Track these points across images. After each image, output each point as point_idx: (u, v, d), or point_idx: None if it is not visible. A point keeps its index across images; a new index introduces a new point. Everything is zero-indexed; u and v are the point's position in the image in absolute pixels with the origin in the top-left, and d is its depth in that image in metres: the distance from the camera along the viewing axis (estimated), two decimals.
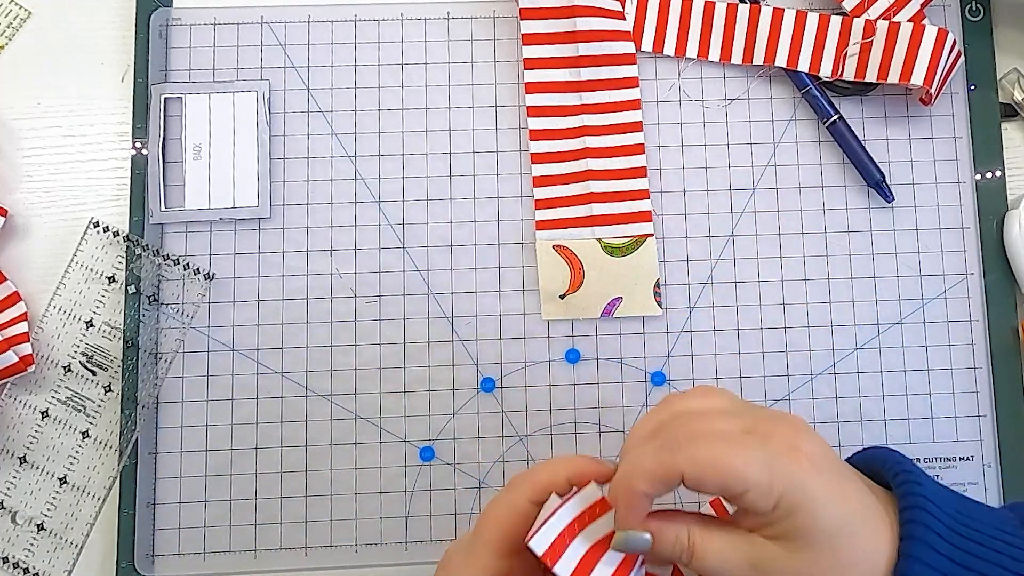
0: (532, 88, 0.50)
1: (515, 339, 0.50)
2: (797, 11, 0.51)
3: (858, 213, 0.51)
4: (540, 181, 0.50)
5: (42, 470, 0.48)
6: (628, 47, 0.50)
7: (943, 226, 0.51)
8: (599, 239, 0.49)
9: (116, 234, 0.49)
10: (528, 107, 0.50)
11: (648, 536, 0.32)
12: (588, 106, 0.50)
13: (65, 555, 0.47)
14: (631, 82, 0.50)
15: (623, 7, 0.51)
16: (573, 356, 0.49)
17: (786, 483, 0.31)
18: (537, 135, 0.50)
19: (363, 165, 0.51)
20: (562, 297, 0.49)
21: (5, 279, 0.49)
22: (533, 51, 0.51)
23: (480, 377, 0.49)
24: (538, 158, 0.50)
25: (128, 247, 0.49)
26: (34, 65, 0.52)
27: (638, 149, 0.50)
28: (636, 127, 0.50)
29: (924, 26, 0.48)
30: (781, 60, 0.51)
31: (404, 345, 0.49)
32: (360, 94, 0.51)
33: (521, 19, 0.51)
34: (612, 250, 0.49)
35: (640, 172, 0.50)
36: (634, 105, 0.50)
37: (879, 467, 0.35)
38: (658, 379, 0.49)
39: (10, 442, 0.48)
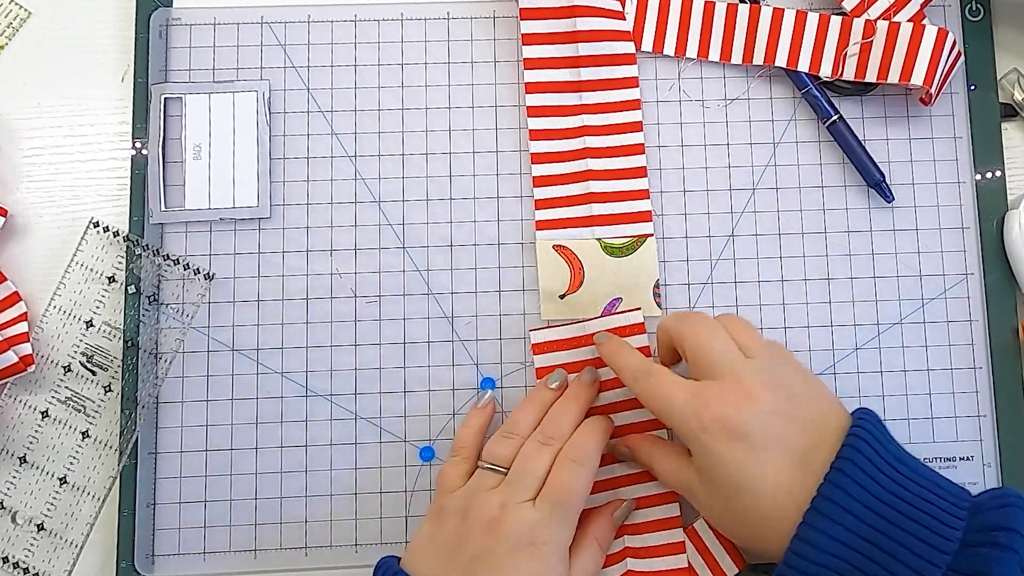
0: (532, 88, 0.50)
1: (515, 339, 0.50)
2: (797, 11, 0.51)
3: (858, 213, 0.51)
4: (540, 181, 0.50)
5: (42, 470, 0.48)
6: (628, 47, 0.51)
7: (943, 226, 0.51)
8: (599, 239, 0.49)
9: (116, 234, 0.49)
10: (528, 107, 0.50)
11: (627, 449, 0.47)
12: (588, 106, 0.50)
13: (65, 555, 0.47)
14: (631, 82, 0.50)
15: (623, 7, 0.51)
16: None
17: (686, 432, 0.41)
18: (537, 135, 0.50)
19: (363, 165, 0.51)
20: (562, 297, 0.49)
21: (5, 279, 0.49)
22: (533, 51, 0.51)
23: (480, 377, 0.49)
24: (538, 158, 0.50)
25: (128, 247, 0.49)
26: (34, 65, 0.52)
27: (638, 149, 0.50)
28: (636, 127, 0.50)
29: (924, 26, 0.48)
30: (781, 60, 0.51)
31: (404, 345, 0.49)
32: (360, 94, 0.51)
33: (521, 19, 0.51)
34: (612, 250, 0.49)
35: (640, 172, 0.50)
36: (634, 105, 0.50)
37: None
38: None
39: (10, 442, 0.48)
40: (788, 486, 0.39)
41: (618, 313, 0.49)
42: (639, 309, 0.49)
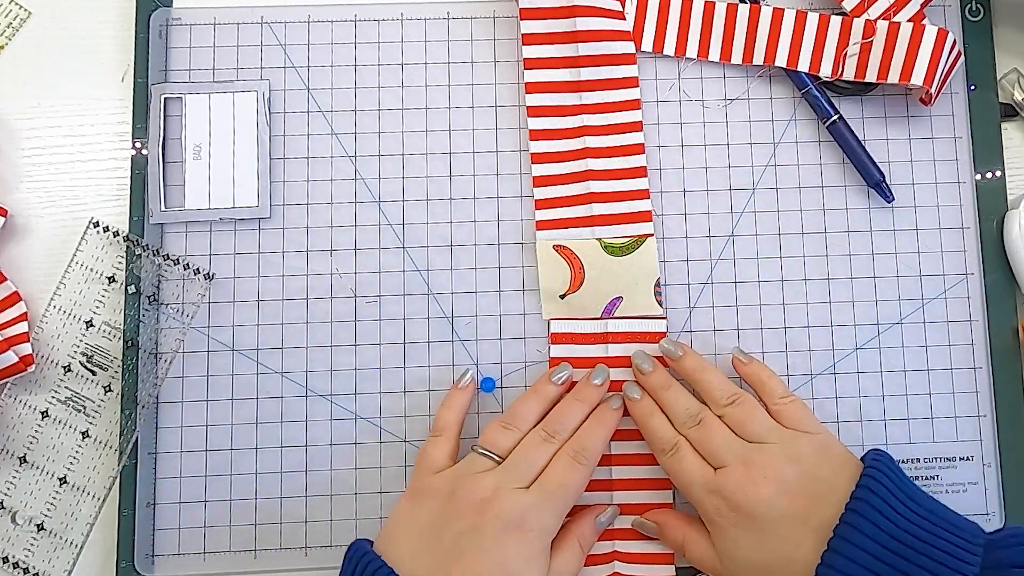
0: (532, 88, 0.50)
1: (515, 339, 0.50)
2: (797, 11, 0.51)
3: (858, 213, 0.51)
4: (540, 181, 0.50)
5: (42, 470, 0.48)
6: (628, 47, 0.50)
7: (943, 226, 0.51)
8: (599, 239, 0.49)
9: (116, 234, 0.49)
10: (528, 107, 0.50)
11: (654, 525, 0.47)
12: (588, 106, 0.50)
13: (65, 555, 0.47)
14: (631, 82, 0.50)
15: (623, 7, 0.51)
16: None
17: (705, 514, 0.44)
18: (537, 135, 0.50)
19: (363, 165, 0.51)
20: (562, 297, 0.49)
21: (5, 279, 0.49)
22: (533, 51, 0.51)
23: (480, 377, 0.49)
24: (538, 158, 0.50)
25: (128, 247, 0.49)
26: (34, 65, 0.52)
27: (638, 149, 0.50)
28: (636, 127, 0.50)
29: (924, 26, 0.48)
30: (781, 60, 0.51)
31: (404, 345, 0.49)
32: (360, 94, 0.51)
33: (521, 19, 0.51)
34: (612, 250, 0.49)
35: (640, 172, 0.50)
36: (634, 105, 0.50)
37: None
38: None
39: (10, 442, 0.48)
40: (792, 555, 0.41)
41: (642, 318, 0.49)
42: (664, 318, 0.49)
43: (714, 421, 0.45)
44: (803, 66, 0.51)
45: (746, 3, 0.51)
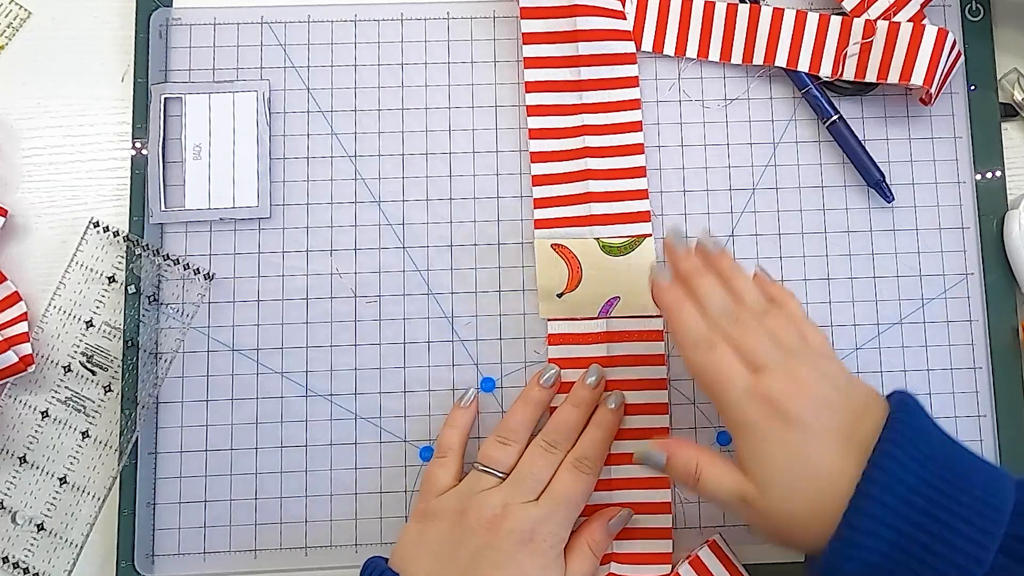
0: (532, 87, 0.50)
1: (515, 339, 0.50)
2: (797, 11, 0.51)
3: (858, 213, 0.51)
4: (539, 180, 0.50)
5: (42, 470, 0.48)
6: (628, 47, 0.50)
7: (943, 226, 0.51)
8: (598, 238, 0.49)
9: (116, 234, 0.49)
10: (528, 106, 0.50)
11: (664, 456, 0.41)
12: (588, 105, 0.50)
13: (65, 555, 0.47)
14: (631, 82, 0.50)
15: (623, 7, 0.51)
16: None
17: (732, 413, 0.39)
18: (536, 134, 0.50)
19: (363, 165, 0.51)
20: (560, 296, 0.49)
21: (5, 279, 0.49)
22: (533, 50, 0.51)
23: (480, 377, 0.49)
24: (537, 157, 0.50)
25: (128, 247, 0.49)
26: (34, 65, 0.52)
27: (637, 149, 0.50)
28: (636, 127, 0.50)
29: (924, 26, 0.48)
30: (781, 60, 0.51)
31: (404, 345, 0.49)
32: (360, 94, 0.51)
33: (521, 18, 0.51)
34: (610, 249, 0.49)
35: (639, 172, 0.50)
36: (634, 105, 0.50)
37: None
38: None
39: (10, 442, 0.48)
40: (835, 467, 0.38)
41: (639, 317, 0.49)
42: (661, 316, 0.49)
43: (753, 320, 0.41)
44: (803, 66, 0.51)
45: (746, 3, 0.51)
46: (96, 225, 0.49)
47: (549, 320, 0.49)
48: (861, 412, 0.39)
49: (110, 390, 0.48)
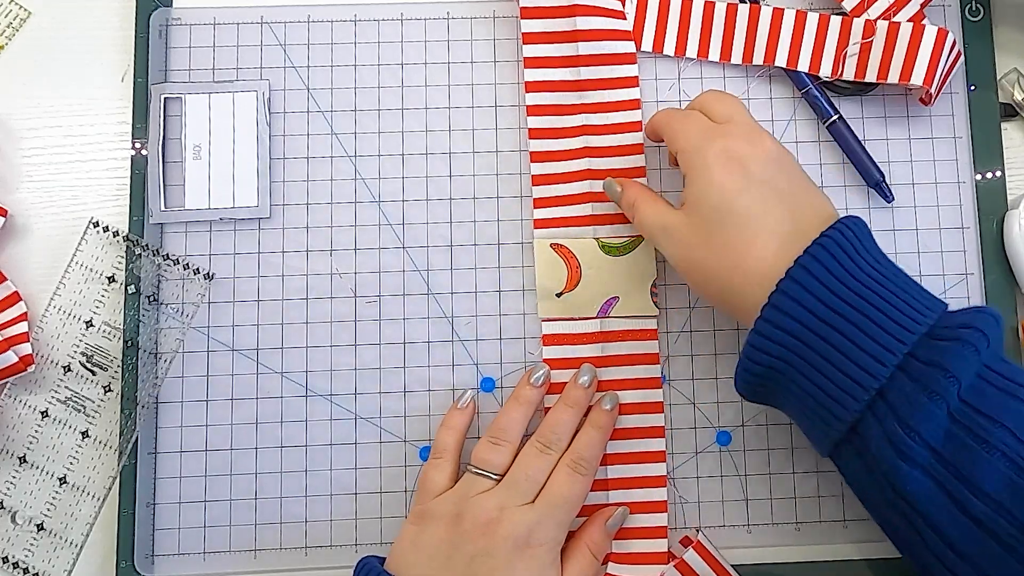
0: (532, 87, 0.50)
1: (515, 339, 0.50)
2: (797, 11, 0.51)
3: (858, 213, 0.51)
4: (539, 180, 0.50)
5: (42, 470, 0.48)
6: (628, 47, 0.50)
7: (943, 226, 0.51)
8: (597, 238, 0.49)
9: (116, 234, 0.49)
10: (528, 106, 0.50)
11: (619, 188, 0.47)
12: (588, 105, 0.50)
13: (65, 555, 0.47)
14: (631, 81, 0.50)
15: (623, 7, 0.51)
16: None
17: (692, 156, 0.42)
18: (536, 134, 0.50)
19: (363, 165, 0.51)
20: (559, 295, 0.49)
21: (5, 279, 0.49)
22: (533, 50, 0.51)
23: (480, 377, 0.49)
24: (537, 157, 0.50)
25: (128, 247, 0.49)
26: (34, 65, 0.52)
27: (638, 149, 0.50)
28: (636, 127, 0.50)
29: (924, 26, 0.48)
30: (781, 60, 0.51)
31: (404, 345, 0.49)
32: (360, 94, 0.51)
33: (521, 18, 0.51)
34: (610, 249, 0.49)
35: (639, 172, 0.50)
36: (634, 105, 0.50)
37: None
38: None
39: (10, 442, 0.48)
40: (775, 229, 0.40)
41: (635, 317, 0.49)
42: (655, 316, 0.49)
43: (728, 96, 0.45)
44: (803, 66, 0.51)
45: (746, 3, 0.51)
46: (96, 225, 0.49)
47: (544, 321, 0.49)
48: (806, 195, 0.42)
49: (110, 390, 0.48)
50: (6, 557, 0.47)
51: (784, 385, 0.40)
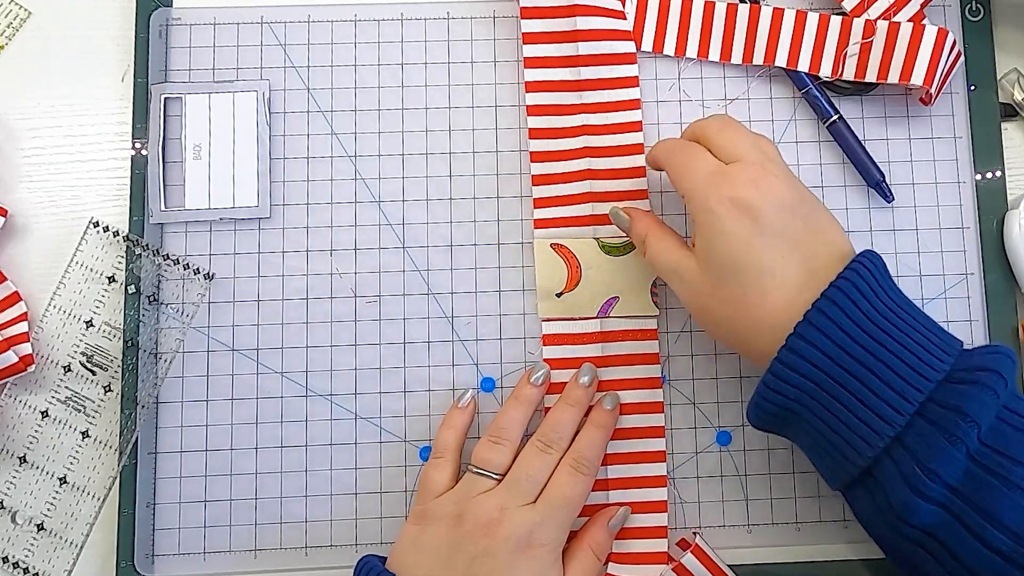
0: (532, 87, 0.50)
1: (515, 339, 0.50)
2: (797, 11, 0.51)
3: (858, 213, 0.51)
4: (539, 180, 0.50)
5: (42, 470, 0.48)
6: (629, 46, 0.50)
7: (943, 226, 0.51)
8: (597, 238, 0.49)
9: (116, 234, 0.49)
10: (528, 106, 0.50)
11: (627, 217, 0.46)
12: (588, 105, 0.50)
13: (65, 555, 0.47)
14: (631, 81, 0.50)
15: (623, 7, 0.51)
16: None
17: (700, 204, 0.41)
18: (536, 134, 0.50)
19: (363, 165, 0.51)
20: (559, 296, 0.49)
21: (5, 279, 0.49)
22: (533, 50, 0.50)
23: (480, 377, 0.49)
24: (537, 157, 0.50)
25: (128, 247, 0.49)
26: (34, 65, 0.52)
27: (638, 149, 0.50)
28: (636, 127, 0.50)
29: (924, 26, 0.48)
30: (781, 60, 0.51)
31: (404, 345, 0.49)
32: (360, 94, 0.51)
33: (521, 18, 0.51)
34: (610, 249, 0.49)
35: (640, 172, 0.50)
36: (634, 105, 0.50)
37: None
38: None
39: (10, 442, 0.48)
40: (787, 281, 0.40)
41: (634, 317, 0.49)
42: (655, 316, 0.49)
43: (731, 125, 0.44)
44: (803, 66, 0.51)
45: (746, 3, 0.51)
46: (96, 225, 0.49)
47: (544, 320, 0.49)
48: (819, 242, 0.41)
49: (110, 390, 0.48)
50: (6, 557, 0.47)
51: (798, 425, 0.40)
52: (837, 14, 0.51)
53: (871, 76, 0.49)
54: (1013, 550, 0.35)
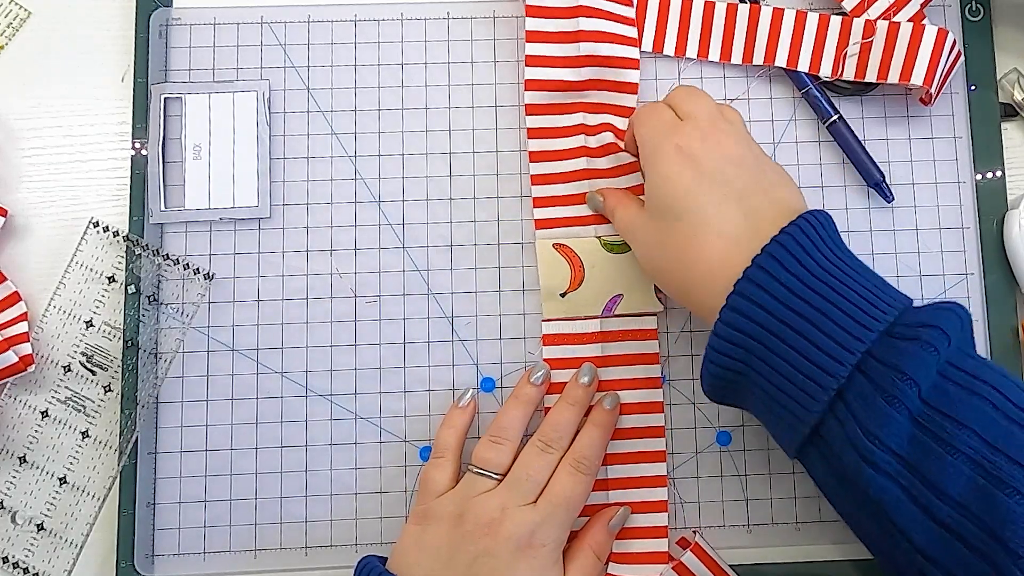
0: (531, 86, 0.50)
1: (515, 339, 0.50)
2: (797, 11, 0.51)
3: (858, 213, 0.51)
4: (538, 180, 0.50)
5: (42, 470, 0.48)
6: (632, 52, 0.50)
7: (943, 226, 0.51)
8: (599, 236, 0.49)
9: (116, 234, 0.49)
10: (526, 105, 0.50)
11: (601, 198, 0.48)
12: (587, 104, 0.50)
13: (65, 555, 0.47)
14: (631, 87, 0.50)
15: (628, 7, 0.51)
16: None
17: (649, 149, 0.43)
18: (535, 133, 0.50)
19: (363, 165, 0.51)
20: (563, 296, 0.49)
21: (5, 279, 0.49)
22: (536, 49, 0.50)
23: (480, 377, 0.49)
24: (536, 157, 0.50)
25: (128, 247, 0.49)
26: (34, 65, 0.52)
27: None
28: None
29: (924, 26, 0.48)
30: (781, 60, 0.51)
31: (404, 345, 0.49)
32: (360, 94, 0.51)
33: (527, 16, 0.50)
34: (612, 247, 0.49)
35: (635, 167, 0.49)
36: (630, 112, 0.50)
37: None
38: None
39: (10, 442, 0.48)
40: (725, 230, 0.40)
41: (634, 315, 0.49)
42: (655, 315, 0.49)
43: (697, 92, 0.45)
44: (803, 66, 0.51)
45: (746, 3, 0.51)
46: (96, 225, 0.49)
47: (544, 321, 0.49)
48: (768, 192, 0.41)
49: (110, 390, 0.48)
50: (6, 557, 0.47)
51: (747, 387, 0.40)
52: (837, 14, 0.51)
53: (871, 76, 0.49)
54: (958, 523, 0.34)
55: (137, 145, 0.50)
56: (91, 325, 0.49)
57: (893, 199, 0.50)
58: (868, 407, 0.36)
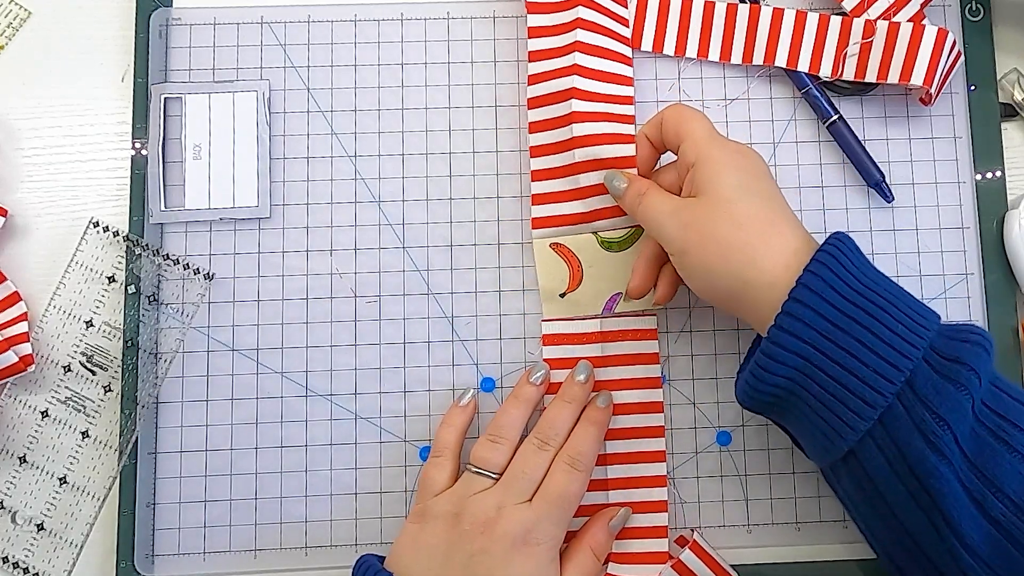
0: (534, 79, 0.50)
1: (515, 339, 0.50)
2: (797, 11, 0.51)
3: (858, 213, 0.51)
4: (538, 175, 0.49)
5: (42, 470, 0.48)
6: (624, 49, 0.50)
7: (943, 226, 0.51)
8: (596, 233, 0.49)
9: (116, 234, 0.49)
10: (529, 99, 0.50)
11: (625, 180, 0.46)
12: (578, 92, 0.48)
13: (65, 555, 0.47)
14: (625, 80, 0.50)
15: (623, 7, 0.51)
16: None
17: (704, 137, 0.43)
18: (536, 127, 0.49)
19: (363, 165, 0.51)
20: (563, 296, 0.49)
21: (5, 279, 0.49)
22: (538, 43, 0.50)
23: (480, 377, 0.49)
24: (536, 151, 0.49)
25: (128, 247, 0.49)
26: (34, 65, 0.52)
27: (629, 139, 0.48)
28: (629, 119, 0.49)
29: (924, 26, 0.48)
30: (781, 60, 0.51)
31: (404, 345, 0.49)
32: (360, 94, 0.51)
33: (528, 13, 0.50)
34: (610, 245, 0.49)
35: (631, 162, 0.48)
36: (627, 100, 0.50)
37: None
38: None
39: (10, 442, 0.48)
40: (786, 232, 0.41)
41: (634, 315, 0.49)
42: (655, 315, 0.49)
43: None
44: (803, 66, 0.51)
45: (746, 3, 0.51)
46: (96, 225, 0.49)
47: (544, 321, 0.49)
48: (793, 221, 0.42)
49: (110, 390, 0.48)
50: (6, 557, 0.47)
51: (788, 400, 0.40)
52: (837, 14, 0.51)
53: (871, 76, 0.49)
54: (1010, 521, 0.36)
55: (137, 145, 0.50)
56: (91, 325, 0.49)
57: (893, 199, 0.50)
58: (937, 392, 0.37)
